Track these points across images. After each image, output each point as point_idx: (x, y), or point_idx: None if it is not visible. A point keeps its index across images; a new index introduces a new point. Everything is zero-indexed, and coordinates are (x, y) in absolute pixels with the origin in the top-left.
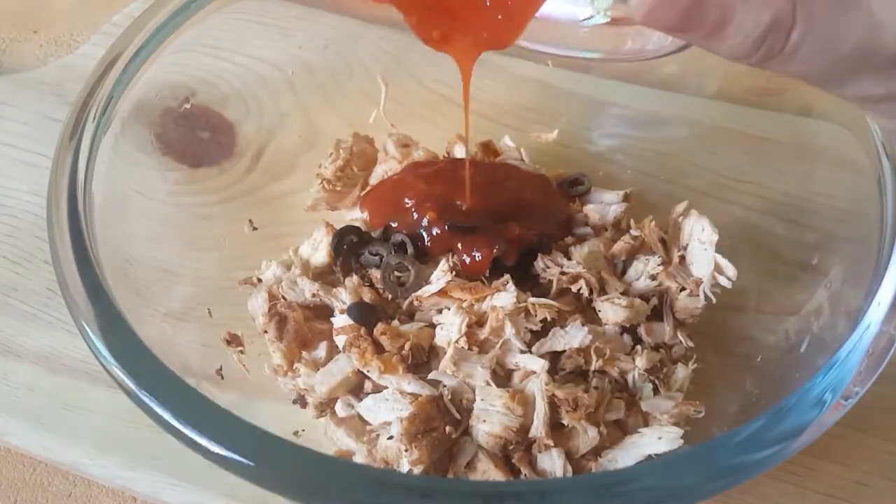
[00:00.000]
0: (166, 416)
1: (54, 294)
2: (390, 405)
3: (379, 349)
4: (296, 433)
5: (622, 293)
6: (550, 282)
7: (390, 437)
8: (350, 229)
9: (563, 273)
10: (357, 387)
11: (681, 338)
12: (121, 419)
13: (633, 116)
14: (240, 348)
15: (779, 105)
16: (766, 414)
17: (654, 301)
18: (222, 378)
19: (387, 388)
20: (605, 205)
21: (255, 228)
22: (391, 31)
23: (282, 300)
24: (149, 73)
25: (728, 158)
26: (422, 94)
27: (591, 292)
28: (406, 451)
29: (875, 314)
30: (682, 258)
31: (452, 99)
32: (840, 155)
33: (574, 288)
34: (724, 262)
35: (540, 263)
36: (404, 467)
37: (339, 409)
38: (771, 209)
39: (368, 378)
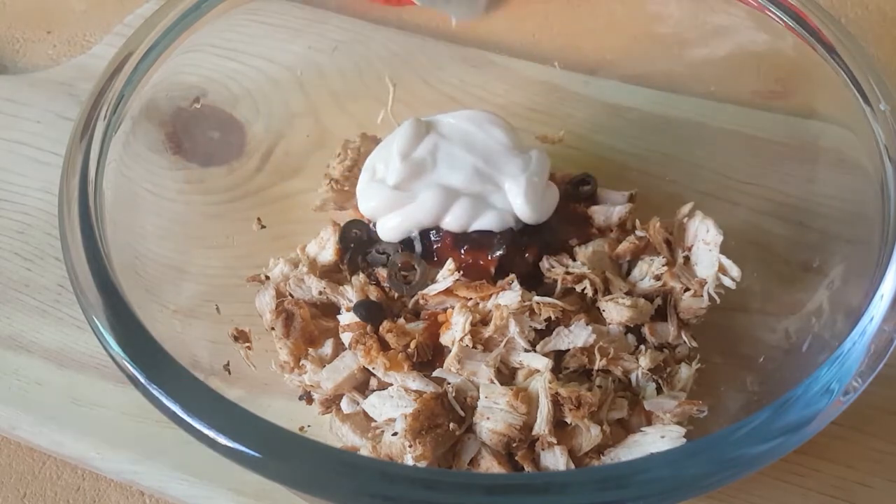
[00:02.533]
0: (175, 408)
1: (65, 290)
2: (395, 402)
3: (384, 347)
4: (301, 429)
5: (626, 293)
6: (555, 281)
7: (395, 434)
8: (355, 223)
9: (567, 273)
10: (362, 384)
11: (685, 338)
12: (129, 414)
13: (639, 118)
14: (247, 345)
15: (783, 107)
16: (772, 405)
17: (659, 301)
18: (229, 374)
19: (392, 385)
20: (610, 205)
21: (263, 227)
22: (399, 34)
23: (289, 297)
24: (159, 73)
25: (733, 160)
26: (429, 95)
27: (595, 292)
28: (410, 447)
29: (877, 308)
30: (687, 259)
31: (459, 100)
32: (843, 157)
33: (578, 288)
34: (729, 263)
35: (545, 263)
36: (408, 463)
37: (345, 405)
38: (774, 210)
39: (374, 375)
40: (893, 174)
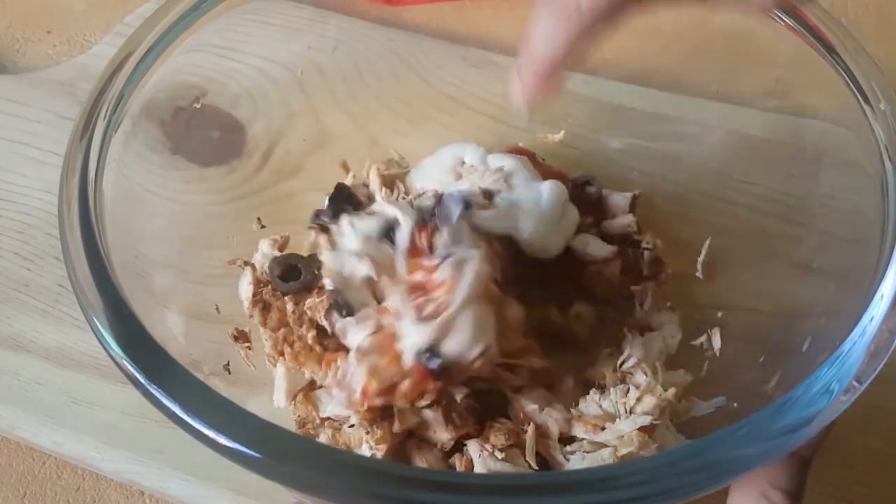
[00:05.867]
0: (175, 408)
1: (65, 290)
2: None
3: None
4: None
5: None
6: None
7: (351, 426)
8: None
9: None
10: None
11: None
12: (129, 414)
13: (639, 118)
14: (247, 345)
15: (783, 107)
16: (772, 405)
17: None
18: (230, 373)
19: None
20: (611, 217)
21: (263, 227)
22: (399, 34)
23: (268, 287)
24: (159, 73)
25: (733, 160)
26: (430, 95)
27: None
28: (368, 433)
29: (877, 308)
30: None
31: (460, 100)
32: (843, 157)
33: None
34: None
35: None
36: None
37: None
38: (775, 210)
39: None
40: (893, 174)
